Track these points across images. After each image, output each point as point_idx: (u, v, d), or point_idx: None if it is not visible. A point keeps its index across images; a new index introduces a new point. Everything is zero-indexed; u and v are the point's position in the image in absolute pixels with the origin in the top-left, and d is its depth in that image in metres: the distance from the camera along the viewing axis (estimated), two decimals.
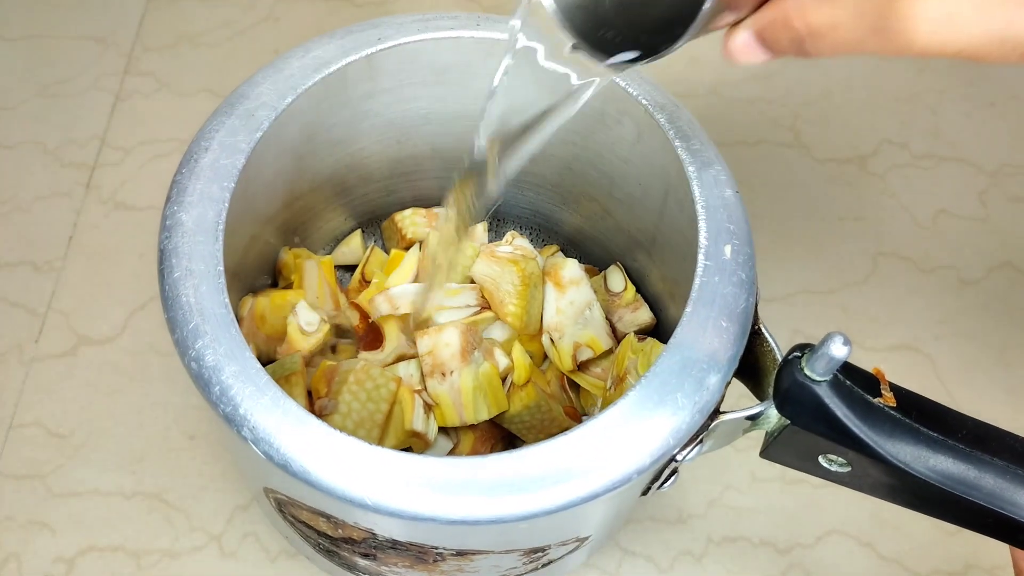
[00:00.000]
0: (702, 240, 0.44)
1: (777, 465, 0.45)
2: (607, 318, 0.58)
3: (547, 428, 0.56)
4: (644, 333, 0.58)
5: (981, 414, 0.67)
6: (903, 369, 0.72)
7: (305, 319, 0.54)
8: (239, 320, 0.43)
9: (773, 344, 0.42)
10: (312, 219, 0.59)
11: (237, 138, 0.45)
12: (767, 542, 0.64)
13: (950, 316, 0.74)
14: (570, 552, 0.50)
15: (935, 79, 0.87)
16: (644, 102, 0.48)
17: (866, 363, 0.46)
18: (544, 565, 0.50)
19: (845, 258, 0.76)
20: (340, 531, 0.44)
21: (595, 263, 0.64)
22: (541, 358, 0.58)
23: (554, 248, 0.63)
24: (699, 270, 0.43)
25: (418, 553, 0.44)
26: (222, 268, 0.42)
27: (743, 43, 0.37)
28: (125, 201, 0.73)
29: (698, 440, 0.42)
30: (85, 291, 0.69)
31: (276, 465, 0.38)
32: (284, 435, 0.38)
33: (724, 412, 0.42)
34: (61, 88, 0.79)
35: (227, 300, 0.41)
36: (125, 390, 0.66)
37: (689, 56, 0.85)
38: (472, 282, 0.57)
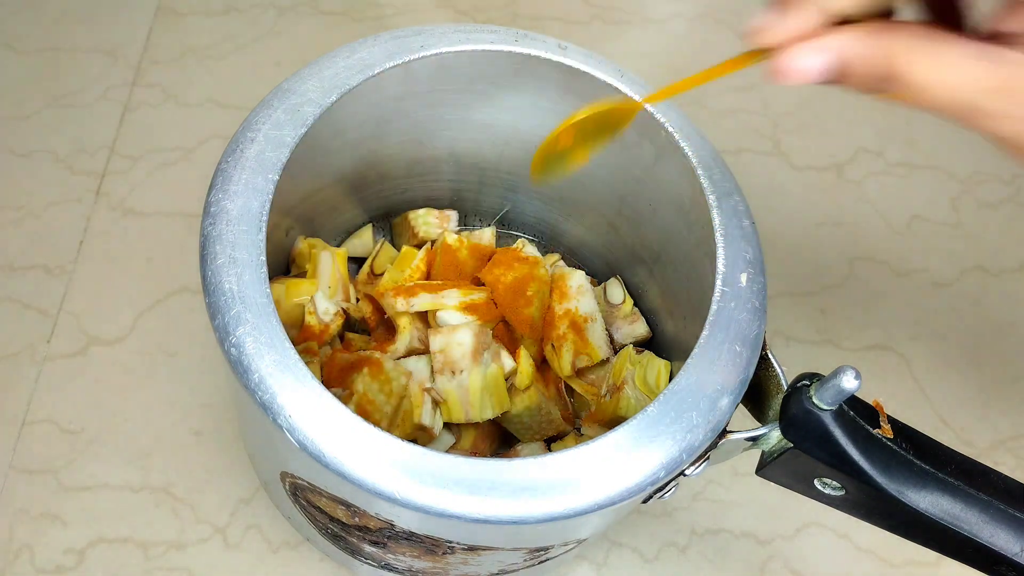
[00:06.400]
0: (720, 267, 0.44)
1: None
2: (605, 328, 0.58)
3: (544, 429, 0.56)
4: (640, 345, 0.58)
5: (954, 411, 0.71)
6: (879, 368, 0.72)
7: (322, 308, 0.53)
8: None
9: (779, 370, 0.43)
10: (327, 211, 0.58)
11: (283, 132, 0.45)
12: (748, 534, 0.65)
13: (924, 317, 0.75)
14: (568, 551, 0.50)
15: None
16: (670, 128, 0.48)
17: (843, 363, 0.46)
18: (541, 562, 0.50)
19: (823, 262, 0.77)
20: (357, 519, 0.44)
21: (594, 274, 0.64)
22: (540, 362, 0.58)
23: (555, 257, 0.63)
24: (716, 296, 0.43)
25: (430, 545, 0.44)
26: (264, 258, 0.41)
27: (813, 66, 0.33)
28: (133, 207, 0.73)
29: (705, 457, 0.42)
30: (95, 293, 0.69)
31: (309, 455, 0.37)
32: (320, 427, 0.38)
33: (731, 432, 0.42)
34: (72, 99, 0.79)
35: (269, 290, 0.40)
36: (133, 388, 0.66)
37: (673, 67, 0.86)
38: (482, 285, 0.57)
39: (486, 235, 0.61)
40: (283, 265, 0.58)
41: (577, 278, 0.58)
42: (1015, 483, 0.40)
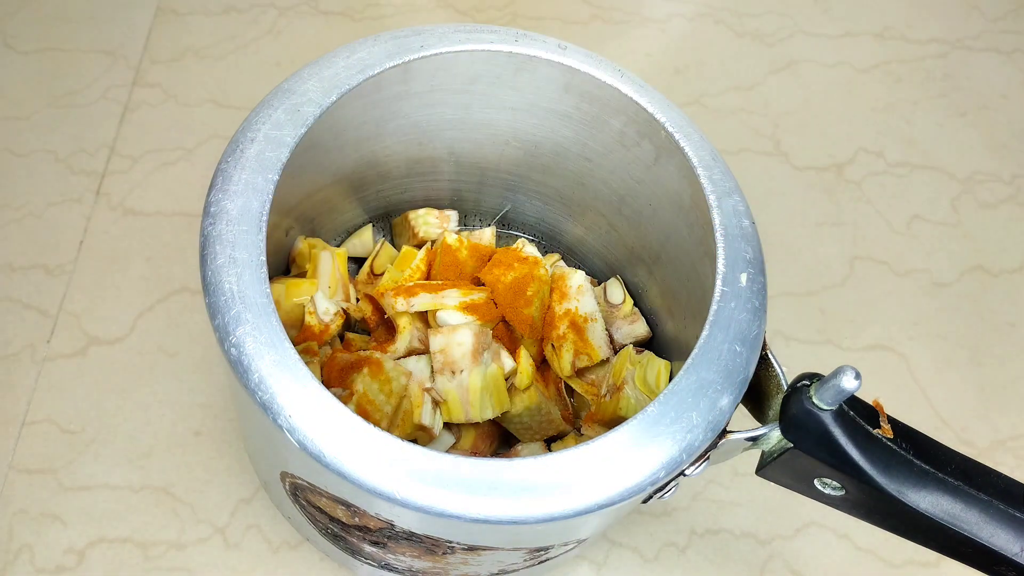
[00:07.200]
0: (720, 267, 0.44)
1: None
2: (605, 329, 0.58)
3: (544, 429, 0.56)
4: (640, 345, 0.58)
5: (953, 411, 0.71)
6: (878, 368, 0.72)
7: (322, 308, 0.53)
8: None
9: (779, 370, 0.43)
10: (327, 211, 0.58)
11: (283, 132, 0.45)
12: (748, 534, 0.64)
13: (924, 317, 0.75)
14: (568, 551, 0.50)
15: (910, 90, 0.88)
16: (669, 128, 0.48)
17: (843, 363, 0.45)
18: (541, 562, 0.50)
19: (823, 262, 0.77)
20: (357, 519, 0.44)
21: (594, 274, 0.63)
22: (540, 362, 0.58)
23: (555, 257, 0.63)
24: (716, 296, 0.43)
25: (430, 545, 0.44)
26: (264, 258, 0.41)
27: None
28: (133, 207, 0.73)
29: (705, 457, 0.42)
30: (95, 293, 0.69)
31: (309, 455, 0.37)
32: (320, 427, 0.38)
33: (731, 432, 0.42)
34: (72, 99, 0.79)
35: (268, 290, 0.40)
36: (133, 388, 0.66)
37: (673, 67, 0.86)
38: (482, 284, 0.56)
39: (486, 235, 0.61)
40: (283, 265, 0.58)
41: (577, 278, 0.57)
42: (1015, 483, 0.40)
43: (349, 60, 0.48)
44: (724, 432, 0.42)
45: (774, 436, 0.42)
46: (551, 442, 0.57)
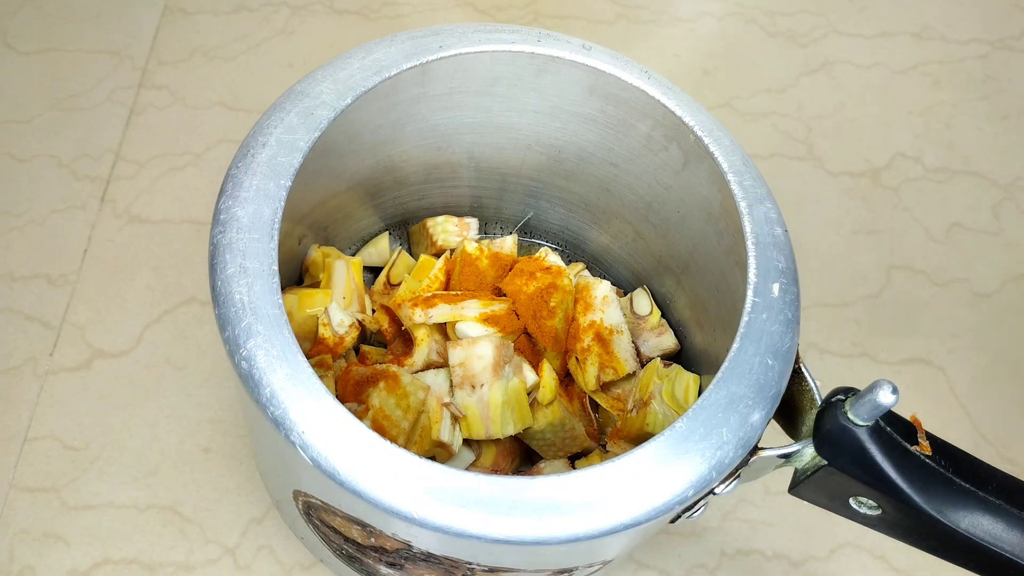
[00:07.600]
0: (751, 277, 0.44)
1: None
2: (632, 341, 0.58)
3: (568, 446, 0.55)
4: (667, 358, 0.58)
5: (995, 427, 0.70)
6: (916, 383, 0.72)
7: (336, 319, 0.53)
8: None
9: (812, 384, 0.42)
10: (342, 218, 0.58)
11: (296, 136, 0.45)
12: (781, 555, 0.64)
13: (964, 329, 0.74)
14: (593, 573, 0.50)
15: (949, 92, 0.88)
16: (699, 132, 0.48)
17: (879, 377, 0.46)
18: None
19: (859, 271, 0.76)
20: (372, 540, 0.44)
21: (619, 284, 0.63)
22: (563, 375, 0.58)
23: (580, 266, 0.62)
24: (747, 306, 0.43)
25: (449, 567, 0.44)
26: (276, 267, 0.41)
27: None
28: (140, 214, 0.73)
29: (736, 474, 0.42)
30: (100, 304, 0.69)
31: (323, 472, 0.37)
32: (334, 443, 0.37)
33: (762, 448, 0.42)
34: (75, 102, 0.78)
35: (281, 301, 0.40)
36: (140, 403, 0.65)
37: (702, 69, 0.86)
38: (503, 295, 0.56)
39: (507, 243, 0.60)
40: (296, 275, 0.57)
41: (602, 288, 0.57)
42: None
43: (365, 61, 0.48)
44: (755, 449, 0.41)
45: (807, 453, 0.42)
46: (575, 459, 0.57)
